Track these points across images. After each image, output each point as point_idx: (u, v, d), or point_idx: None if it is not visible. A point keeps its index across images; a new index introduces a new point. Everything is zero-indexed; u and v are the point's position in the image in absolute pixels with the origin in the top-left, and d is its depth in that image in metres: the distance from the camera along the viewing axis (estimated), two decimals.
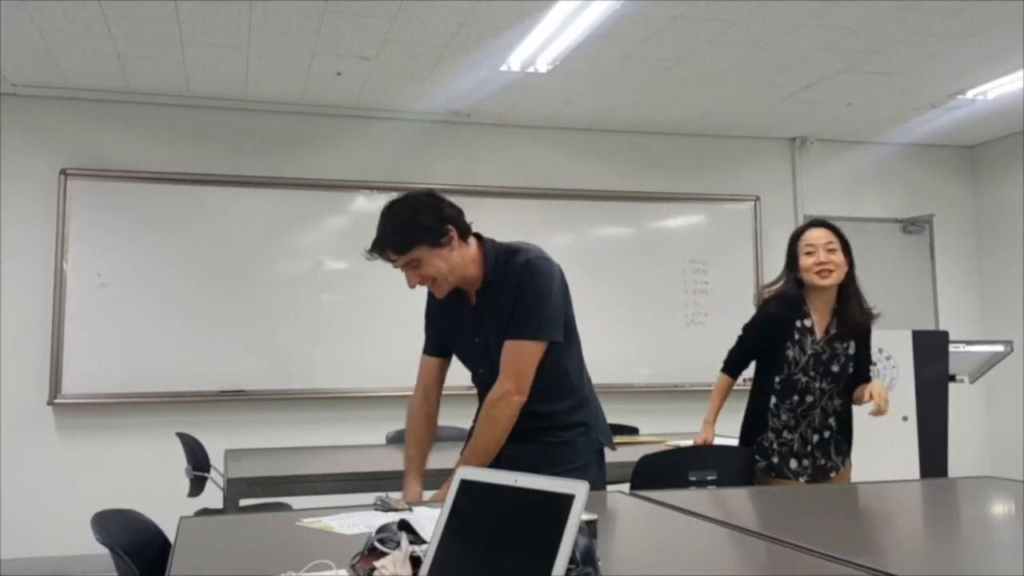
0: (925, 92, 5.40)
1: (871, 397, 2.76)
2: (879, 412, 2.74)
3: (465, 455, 2.33)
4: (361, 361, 5.49)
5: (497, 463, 2.29)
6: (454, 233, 2.25)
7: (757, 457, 2.95)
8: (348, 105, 5.52)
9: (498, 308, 2.30)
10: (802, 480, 2.91)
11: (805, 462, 2.93)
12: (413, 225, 2.22)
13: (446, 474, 2.30)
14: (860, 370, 3.00)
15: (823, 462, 2.94)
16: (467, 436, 2.46)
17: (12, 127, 5.24)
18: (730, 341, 3.16)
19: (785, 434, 2.94)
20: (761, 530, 1.80)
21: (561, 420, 2.36)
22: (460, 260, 2.29)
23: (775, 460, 2.93)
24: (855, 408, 3.01)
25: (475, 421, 2.51)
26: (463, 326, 2.41)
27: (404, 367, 4.48)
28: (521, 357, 2.27)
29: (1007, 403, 6.31)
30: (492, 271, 2.31)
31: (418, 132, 5.77)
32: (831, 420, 2.96)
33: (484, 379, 2.39)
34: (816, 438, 2.94)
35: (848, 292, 2.98)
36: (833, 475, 2.95)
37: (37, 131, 5.28)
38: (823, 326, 2.97)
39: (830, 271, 2.93)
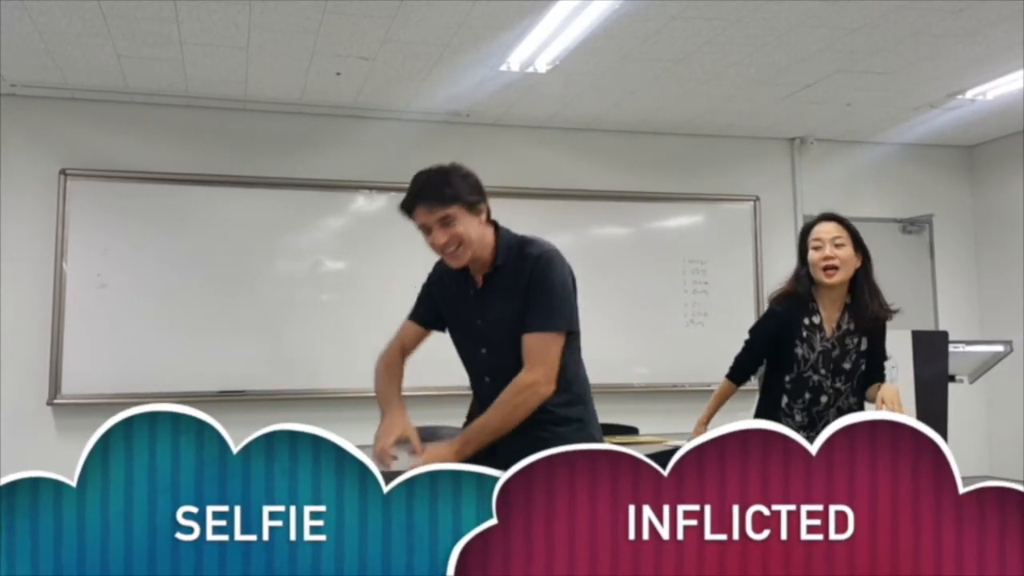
0: (924, 92, 5.40)
1: (883, 403, 2.71)
2: None
3: (475, 426, 2.28)
4: (361, 361, 5.40)
5: (492, 455, 2.21)
6: (485, 207, 2.36)
7: None
8: (347, 105, 5.52)
9: (505, 293, 2.33)
10: None
11: None
12: (458, 183, 2.31)
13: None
14: (874, 367, 2.96)
15: None
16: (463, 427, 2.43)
17: (11, 127, 5.24)
18: (730, 341, 3.15)
19: (800, 434, 2.86)
20: None
21: (555, 414, 2.33)
22: (483, 236, 2.34)
23: None
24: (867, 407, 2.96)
25: (469, 417, 2.49)
26: (466, 309, 2.42)
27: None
28: (544, 347, 2.28)
29: (1007, 403, 6.30)
30: (503, 256, 2.35)
31: (417, 132, 5.76)
32: None
33: (486, 360, 2.38)
34: None
35: (860, 286, 2.95)
36: None
37: (36, 131, 5.28)
38: (833, 322, 2.93)
39: (836, 268, 2.90)
